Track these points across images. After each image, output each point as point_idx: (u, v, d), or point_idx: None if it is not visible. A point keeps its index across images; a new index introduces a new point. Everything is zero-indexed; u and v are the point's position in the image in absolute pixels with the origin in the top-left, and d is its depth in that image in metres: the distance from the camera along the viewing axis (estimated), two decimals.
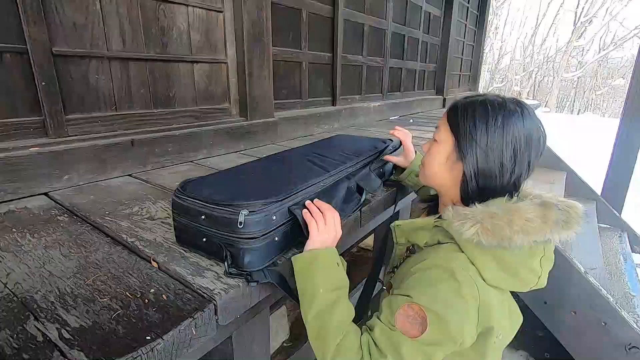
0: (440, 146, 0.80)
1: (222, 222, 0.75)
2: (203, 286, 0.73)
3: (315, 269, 0.75)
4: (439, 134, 0.81)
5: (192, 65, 1.72)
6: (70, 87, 1.34)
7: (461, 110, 0.76)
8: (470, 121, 0.74)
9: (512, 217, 0.67)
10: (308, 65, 2.49)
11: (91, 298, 0.70)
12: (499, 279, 0.71)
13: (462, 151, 0.75)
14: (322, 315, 0.72)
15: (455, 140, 0.76)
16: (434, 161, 0.81)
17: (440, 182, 0.82)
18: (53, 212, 1.10)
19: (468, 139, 0.74)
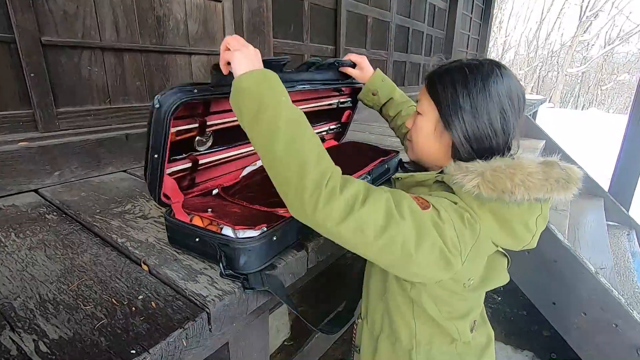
0: (424, 118, 0.77)
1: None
2: (196, 292, 0.67)
3: (271, 81, 0.64)
4: (421, 106, 0.78)
5: (190, 57, 1.66)
6: (61, 79, 1.28)
7: (439, 79, 0.74)
8: (451, 88, 0.72)
9: (514, 170, 0.65)
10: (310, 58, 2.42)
11: (74, 305, 0.64)
12: (493, 234, 0.70)
13: (447, 119, 0.72)
14: (297, 121, 0.62)
15: (439, 109, 0.74)
16: (420, 134, 0.78)
17: (430, 154, 0.79)
18: (41, 210, 1.04)
19: (452, 106, 0.71)
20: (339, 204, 0.57)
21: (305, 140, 0.61)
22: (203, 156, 0.92)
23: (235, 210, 0.81)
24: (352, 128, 2.20)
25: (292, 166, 0.59)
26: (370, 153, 1.29)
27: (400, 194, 0.64)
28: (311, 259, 0.88)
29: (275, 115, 0.60)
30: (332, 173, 0.59)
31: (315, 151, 0.60)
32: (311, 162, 0.58)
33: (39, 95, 1.22)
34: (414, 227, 0.60)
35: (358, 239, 0.59)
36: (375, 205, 0.59)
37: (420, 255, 0.60)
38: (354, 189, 0.59)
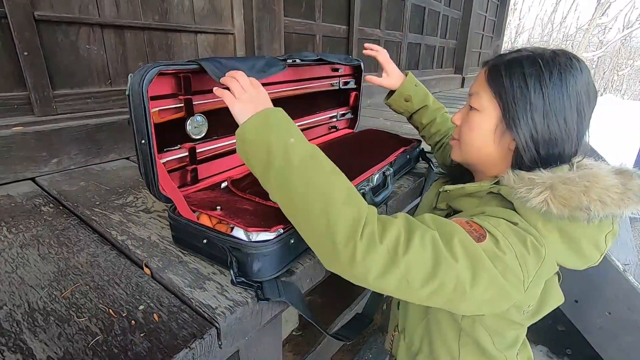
0: (482, 115, 0.66)
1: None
2: (203, 303, 0.59)
3: (277, 123, 0.57)
4: (478, 100, 0.67)
5: (196, 35, 1.55)
6: (58, 58, 1.18)
7: (506, 70, 0.63)
8: (521, 82, 0.61)
9: (590, 183, 0.56)
10: (322, 39, 2.29)
11: (66, 317, 0.57)
12: (559, 254, 0.60)
13: (513, 118, 0.62)
14: (313, 158, 0.54)
15: (502, 106, 0.64)
16: (475, 133, 0.68)
17: (483, 157, 0.69)
18: (37, 201, 0.97)
19: (520, 103, 0.61)
20: (380, 255, 0.49)
21: (324, 181, 0.52)
22: (201, 144, 0.83)
23: (247, 207, 0.72)
24: (364, 113, 2.09)
25: (316, 215, 0.51)
26: (391, 142, 1.19)
27: (448, 226, 0.54)
28: None
29: (286, 160, 0.53)
30: (367, 217, 0.51)
31: (340, 193, 0.52)
32: (338, 208, 0.50)
33: (34, 76, 1.12)
34: (469, 266, 0.51)
35: (403, 289, 0.51)
36: (420, 249, 0.50)
37: (476, 293, 0.51)
38: (395, 232, 0.50)
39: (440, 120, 1.05)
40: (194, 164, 0.81)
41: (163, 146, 0.75)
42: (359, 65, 1.28)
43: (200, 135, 0.82)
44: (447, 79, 4.21)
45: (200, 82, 0.79)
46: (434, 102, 1.07)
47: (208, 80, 0.80)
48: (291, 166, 0.53)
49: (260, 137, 0.56)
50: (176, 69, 0.70)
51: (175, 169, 0.79)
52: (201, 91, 0.80)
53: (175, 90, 0.75)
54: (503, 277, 0.51)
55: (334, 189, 0.52)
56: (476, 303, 0.52)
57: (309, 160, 0.54)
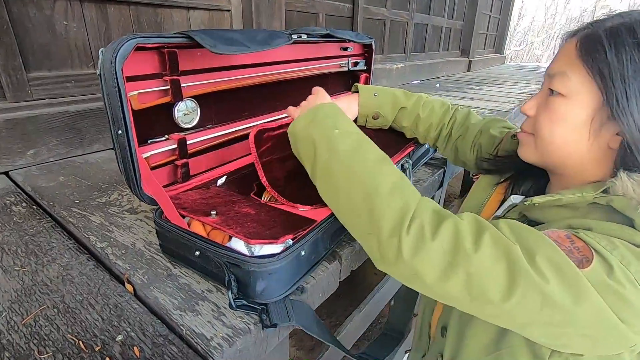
0: (572, 102, 0.50)
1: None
2: (196, 331, 0.48)
3: (322, 115, 0.57)
4: (566, 82, 0.50)
5: (188, 11, 1.40)
6: (31, 36, 1.04)
7: (610, 40, 0.46)
8: (635, 54, 0.44)
9: None
10: (325, 17, 2.13)
11: (25, 352, 0.46)
12: None
13: (620, 104, 0.45)
14: (356, 150, 0.51)
15: (605, 88, 0.46)
16: (562, 127, 0.51)
17: (569, 159, 0.53)
18: (8, 200, 0.85)
19: (632, 85, 0.45)
20: (432, 255, 0.41)
21: (368, 171, 0.48)
22: (192, 135, 0.71)
23: (248, 210, 0.61)
24: None
25: (359, 209, 0.47)
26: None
27: (536, 238, 0.42)
28: (344, 270, 0.69)
29: (330, 152, 0.52)
30: (417, 209, 0.44)
31: (385, 183, 0.47)
32: (381, 199, 0.45)
33: (4, 56, 0.99)
34: (565, 290, 0.38)
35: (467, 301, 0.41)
36: (491, 255, 0.40)
37: (573, 326, 0.39)
38: (452, 228, 0.42)
39: (425, 113, 0.86)
40: (185, 157, 0.69)
41: (146, 137, 0.63)
42: (370, 43, 1.14)
43: (191, 124, 0.70)
44: (453, 62, 4.04)
45: (191, 60, 0.67)
46: (407, 98, 0.87)
47: (200, 57, 0.68)
48: (335, 159, 0.51)
49: (306, 132, 0.55)
50: (159, 42, 0.57)
51: (162, 164, 0.67)
52: (191, 71, 0.67)
53: (159, 69, 0.62)
54: (617, 315, 0.39)
55: (378, 179, 0.47)
56: (572, 338, 0.41)
57: (352, 151, 0.51)
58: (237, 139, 0.82)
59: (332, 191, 0.51)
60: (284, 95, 0.95)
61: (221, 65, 0.74)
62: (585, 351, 0.44)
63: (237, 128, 0.81)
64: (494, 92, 2.74)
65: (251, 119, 0.85)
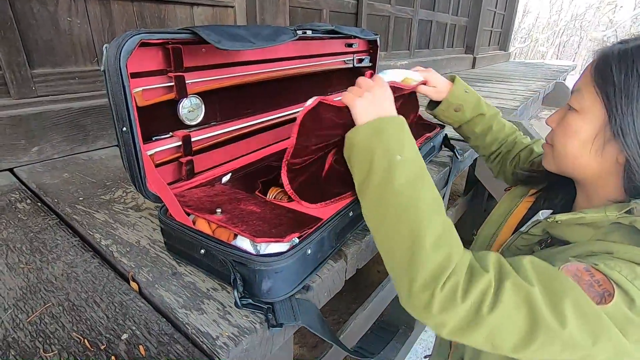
0: (582, 118, 0.52)
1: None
2: (201, 330, 0.48)
3: (388, 133, 0.52)
4: (580, 99, 0.53)
5: (191, 8, 1.39)
6: (35, 33, 1.04)
7: (618, 61, 0.48)
8: (637, 77, 0.46)
9: None
10: (329, 14, 2.12)
11: (31, 350, 0.46)
12: None
13: (620, 123, 0.48)
14: (412, 184, 0.48)
15: (608, 107, 0.49)
16: (572, 140, 0.54)
17: (583, 171, 0.55)
18: (13, 197, 0.85)
19: (633, 104, 0.47)
20: (459, 313, 0.41)
21: (420, 216, 0.46)
22: (197, 132, 0.70)
23: (253, 208, 0.60)
24: None
25: (400, 249, 0.46)
26: (412, 127, 1.05)
27: (558, 281, 0.41)
28: (350, 269, 0.68)
29: (386, 179, 0.49)
30: (456, 266, 0.43)
31: (432, 233, 0.45)
32: (425, 249, 0.44)
33: (8, 52, 0.99)
34: (586, 331, 0.39)
35: (489, 349, 0.42)
36: (511, 308, 0.40)
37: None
38: (482, 286, 0.41)
39: (497, 127, 0.88)
40: (189, 155, 0.69)
41: (150, 134, 0.62)
42: (375, 40, 1.13)
43: (195, 121, 0.69)
44: (457, 59, 4.01)
45: (195, 57, 0.66)
46: (488, 107, 0.89)
47: (205, 54, 0.67)
48: (389, 187, 0.49)
49: (368, 145, 0.52)
50: (163, 37, 0.56)
51: (167, 161, 0.66)
52: (196, 67, 0.67)
53: (164, 65, 0.62)
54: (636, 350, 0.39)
55: (426, 228, 0.45)
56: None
57: (410, 185, 0.48)
58: (241, 136, 0.81)
59: (377, 218, 0.50)
60: (289, 92, 0.94)
61: (225, 61, 0.73)
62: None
63: (241, 125, 0.80)
64: (499, 90, 2.72)
65: (255, 116, 0.84)
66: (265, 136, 0.88)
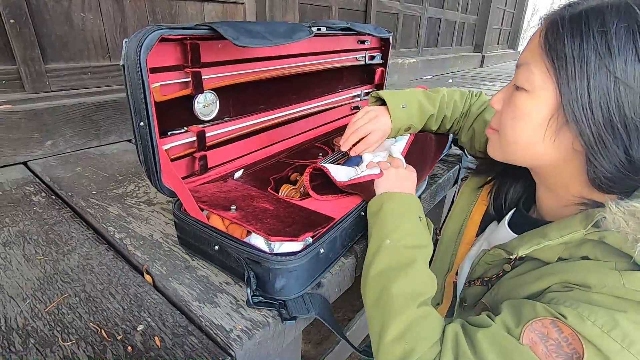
0: (533, 98, 0.44)
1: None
2: (215, 323, 0.49)
3: (386, 213, 0.56)
4: (529, 75, 0.44)
5: (202, 4, 1.40)
6: (49, 28, 1.05)
7: (571, 28, 0.40)
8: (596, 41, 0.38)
9: None
10: (338, 11, 2.12)
11: (50, 339, 0.46)
12: None
13: (573, 104, 0.40)
14: (386, 274, 0.49)
15: (561, 85, 0.41)
16: (522, 124, 0.46)
17: (536, 160, 0.48)
18: (28, 190, 0.86)
19: (589, 80, 0.39)
20: None
21: (388, 307, 0.46)
22: (211, 127, 0.71)
23: (267, 206, 0.61)
24: None
25: (373, 331, 0.47)
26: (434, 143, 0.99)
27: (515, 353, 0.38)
28: (360, 266, 0.68)
29: (370, 262, 0.52)
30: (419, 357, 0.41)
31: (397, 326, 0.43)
32: (386, 340, 0.43)
33: (23, 47, 1.00)
34: None
35: None
36: None
37: None
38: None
39: (451, 111, 0.81)
40: (203, 150, 0.69)
41: (166, 129, 0.63)
42: (387, 37, 1.13)
43: (210, 117, 0.70)
44: (465, 57, 3.98)
45: (211, 53, 0.66)
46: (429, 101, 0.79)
47: (220, 50, 0.68)
48: (370, 271, 0.51)
49: (372, 219, 0.57)
50: (182, 34, 0.57)
51: (181, 156, 0.67)
52: (211, 63, 0.67)
53: (181, 61, 0.62)
54: None
55: (390, 323, 0.44)
56: None
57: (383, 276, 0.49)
58: (253, 132, 0.82)
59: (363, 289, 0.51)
60: (301, 89, 0.94)
61: (239, 57, 0.74)
62: None
63: (254, 121, 0.81)
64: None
65: (268, 112, 0.84)
66: (276, 132, 0.88)
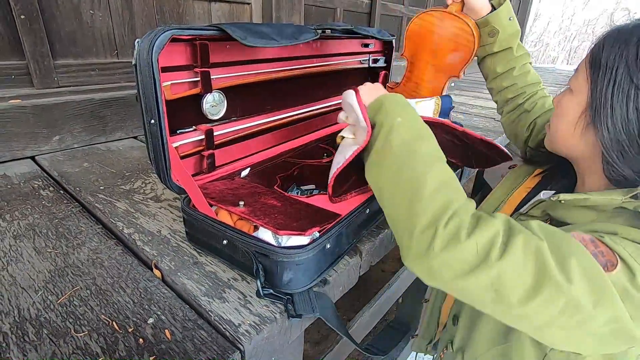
0: (573, 98, 0.53)
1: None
2: (224, 318, 0.50)
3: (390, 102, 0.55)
4: (575, 78, 0.53)
5: (209, 3, 1.41)
6: (59, 24, 1.06)
7: (612, 41, 0.47)
8: (627, 56, 0.45)
9: None
10: (343, 13, 2.13)
11: (63, 330, 0.48)
12: None
13: (597, 107, 0.48)
14: (408, 143, 0.49)
15: (592, 88, 0.49)
16: (562, 120, 0.54)
17: (571, 152, 0.56)
18: (36, 184, 0.87)
19: (614, 89, 0.46)
20: (464, 252, 0.39)
21: (419, 166, 0.46)
22: (219, 126, 0.72)
23: (274, 202, 0.62)
24: None
25: (402, 202, 0.45)
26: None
27: (566, 242, 0.41)
28: (364, 265, 0.70)
29: (387, 141, 0.50)
30: (458, 208, 0.42)
31: (433, 181, 0.44)
32: (425, 195, 0.43)
33: (32, 43, 1.01)
34: (589, 292, 0.38)
35: (489, 300, 0.40)
36: (521, 258, 0.39)
37: (590, 328, 0.39)
38: (490, 231, 0.40)
39: (520, 72, 0.80)
40: (211, 148, 0.71)
41: (175, 127, 0.64)
42: (391, 41, 1.14)
43: (218, 116, 0.71)
44: None
45: (220, 53, 0.68)
46: (518, 46, 0.80)
47: (228, 50, 0.69)
48: (389, 147, 0.50)
49: (372, 118, 0.55)
50: (192, 34, 0.58)
51: (189, 154, 0.68)
52: (220, 63, 0.68)
53: (191, 61, 0.63)
54: (633, 320, 0.39)
55: (424, 180, 0.44)
56: (582, 338, 0.41)
57: (409, 142, 0.49)
58: (260, 132, 0.83)
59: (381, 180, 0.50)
60: (306, 90, 0.95)
61: (247, 58, 0.75)
62: (589, 351, 0.45)
63: (261, 121, 0.82)
64: None
65: (274, 113, 0.85)
66: (282, 132, 0.90)
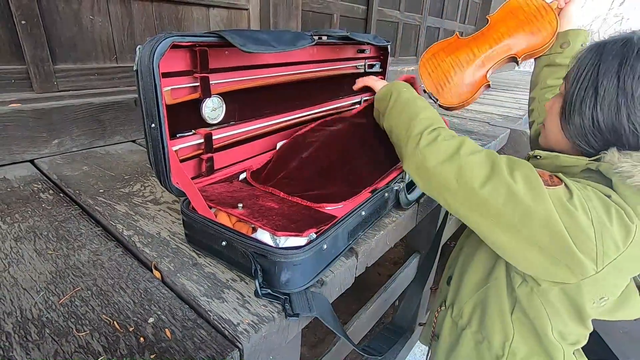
0: (559, 98, 0.63)
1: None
2: (223, 317, 0.51)
3: (396, 84, 0.78)
4: (564, 82, 0.63)
5: (208, 9, 1.43)
6: (59, 29, 1.08)
7: (589, 52, 0.57)
8: (593, 63, 0.55)
9: None
10: (340, 19, 2.16)
11: (64, 329, 0.49)
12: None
13: (569, 105, 0.59)
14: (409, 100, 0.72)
15: (567, 90, 0.60)
16: (551, 119, 0.65)
17: (558, 144, 0.65)
18: (36, 187, 0.88)
19: (577, 90, 0.57)
20: (440, 148, 0.58)
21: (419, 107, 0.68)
22: (218, 130, 0.74)
23: (272, 204, 0.63)
24: None
25: (404, 126, 0.66)
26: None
27: (522, 162, 0.54)
28: (360, 267, 0.71)
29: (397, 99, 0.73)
30: (439, 127, 0.62)
31: (425, 113, 0.66)
32: (418, 118, 0.65)
33: (33, 47, 1.02)
34: (527, 194, 0.50)
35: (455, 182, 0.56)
36: (482, 159, 0.55)
37: (528, 232, 0.50)
38: (461, 140, 0.59)
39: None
40: (210, 152, 0.72)
41: (175, 131, 0.66)
42: (386, 47, 1.16)
43: (216, 120, 0.73)
44: None
45: (219, 59, 0.69)
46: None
47: (227, 56, 0.71)
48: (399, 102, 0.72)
49: (387, 90, 0.78)
50: (192, 40, 0.60)
51: (189, 157, 0.69)
52: (219, 69, 0.70)
53: (191, 66, 0.65)
54: (569, 233, 0.48)
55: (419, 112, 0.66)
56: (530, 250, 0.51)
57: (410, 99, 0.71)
58: (258, 135, 0.84)
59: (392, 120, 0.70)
60: (303, 95, 0.97)
61: (245, 64, 0.76)
62: (545, 273, 0.53)
63: (259, 125, 0.83)
64: (504, 98, 2.74)
65: (272, 117, 0.87)
66: (279, 137, 0.91)
